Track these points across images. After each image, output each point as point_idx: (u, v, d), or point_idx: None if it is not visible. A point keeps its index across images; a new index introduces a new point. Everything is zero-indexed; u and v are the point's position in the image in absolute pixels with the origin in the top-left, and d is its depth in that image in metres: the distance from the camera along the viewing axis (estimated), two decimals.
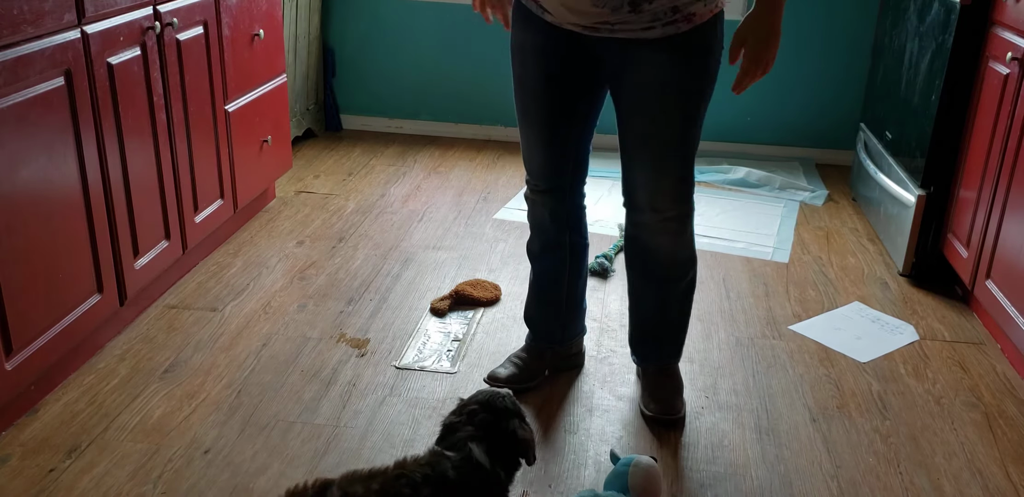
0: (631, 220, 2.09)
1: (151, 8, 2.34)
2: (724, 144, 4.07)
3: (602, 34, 1.87)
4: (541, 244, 2.22)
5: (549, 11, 1.90)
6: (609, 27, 1.85)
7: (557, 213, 2.16)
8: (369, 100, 4.22)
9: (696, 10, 1.83)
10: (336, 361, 2.34)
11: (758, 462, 2.01)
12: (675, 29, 1.83)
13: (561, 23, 1.90)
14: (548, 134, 2.06)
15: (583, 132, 2.07)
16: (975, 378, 2.37)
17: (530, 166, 2.13)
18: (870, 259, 3.07)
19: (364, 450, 2.00)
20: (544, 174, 2.12)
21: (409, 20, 4.07)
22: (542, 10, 1.92)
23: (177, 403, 2.14)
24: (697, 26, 1.84)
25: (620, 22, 1.83)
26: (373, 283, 2.76)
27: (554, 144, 2.07)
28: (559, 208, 2.16)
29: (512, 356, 2.29)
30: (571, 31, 1.91)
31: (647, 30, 1.83)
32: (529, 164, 2.13)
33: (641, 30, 1.84)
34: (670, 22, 1.82)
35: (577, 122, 2.05)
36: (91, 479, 1.87)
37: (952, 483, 1.97)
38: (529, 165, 2.13)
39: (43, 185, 1.98)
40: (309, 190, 3.50)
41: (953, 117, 2.73)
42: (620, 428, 2.12)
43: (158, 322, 2.49)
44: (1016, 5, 2.44)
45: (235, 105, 2.85)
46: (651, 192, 2.01)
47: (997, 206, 2.46)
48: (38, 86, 1.94)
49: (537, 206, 2.17)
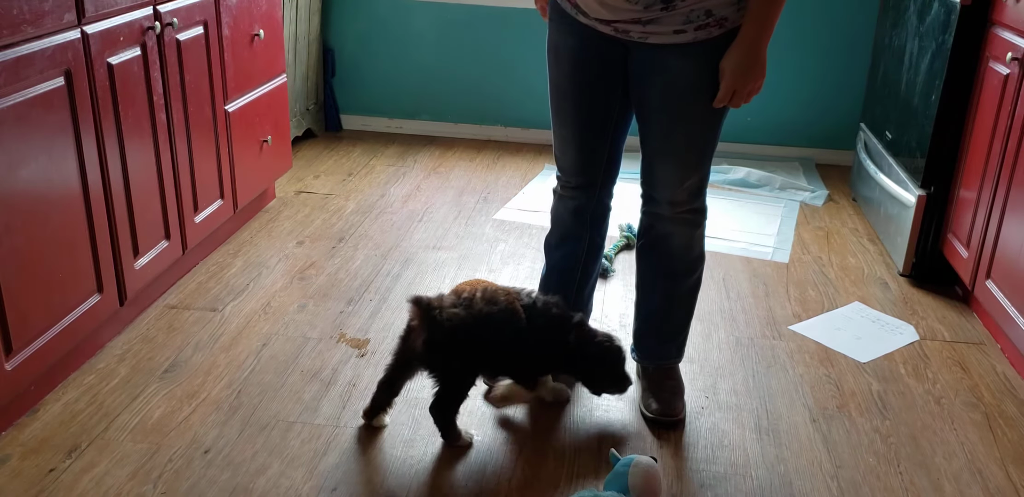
0: (648, 211, 2.12)
1: (151, 8, 2.34)
2: (724, 144, 4.06)
3: (633, 38, 1.88)
4: (559, 237, 2.24)
5: (583, 11, 1.91)
6: (640, 29, 1.86)
7: (583, 210, 2.18)
8: (369, 100, 4.22)
9: (728, 15, 1.84)
10: (336, 361, 2.34)
11: (758, 462, 2.01)
12: (707, 34, 1.84)
13: (593, 24, 1.91)
14: (581, 134, 2.08)
15: (617, 132, 2.09)
16: (975, 378, 2.37)
17: (562, 163, 2.15)
18: (870, 259, 3.07)
19: (364, 450, 2.00)
20: (576, 171, 2.14)
21: (409, 20, 4.07)
22: (576, 11, 1.93)
23: (177, 403, 2.14)
24: (727, 31, 1.85)
25: (651, 21, 1.83)
26: (373, 283, 2.76)
27: (587, 143, 2.09)
28: (586, 205, 2.18)
29: None
30: (603, 33, 1.92)
31: (679, 34, 1.84)
32: (561, 161, 2.15)
33: (673, 33, 1.84)
34: (702, 26, 1.83)
35: (611, 123, 2.06)
36: (91, 479, 1.87)
37: (952, 483, 1.97)
38: (561, 162, 2.15)
39: (43, 185, 1.98)
40: (309, 190, 3.50)
41: (953, 117, 2.73)
42: (620, 428, 2.12)
43: (158, 322, 2.49)
44: (1016, 5, 2.44)
45: (235, 105, 2.85)
46: (672, 188, 2.04)
47: (997, 206, 2.46)
48: (38, 86, 1.94)
49: (565, 201, 2.19)
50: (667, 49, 1.88)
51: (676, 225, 2.10)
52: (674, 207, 2.07)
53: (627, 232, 3.06)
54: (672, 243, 2.12)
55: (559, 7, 1.99)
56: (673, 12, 1.81)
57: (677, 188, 2.04)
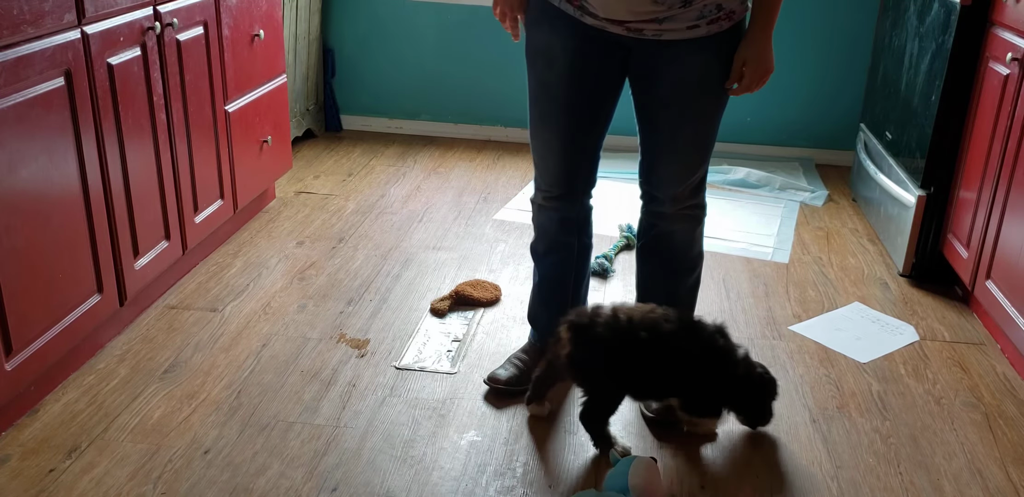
0: (650, 210, 2.12)
1: (151, 8, 2.34)
2: (724, 144, 4.07)
3: (646, 36, 1.88)
4: (546, 246, 2.22)
5: (590, 12, 1.88)
6: (656, 27, 1.86)
7: (568, 218, 2.16)
8: (369, 100, 4.22)
9: (735, 7, 1.88)
10: (336, 361, 2.34)
11: (758, 462, 2.01)
12: (718, 27, 1.88)
13: (603, 24, 1.89)
14: (570, 139, 2.04)
15: (601, 135, 2.08)
16: (975, 378, 2.37)
17: (545, 172, 2.10)
18: (870, 259, 3.07)
19: (364, 450, 2.00)
20: (560, 180, 2.09)
21: (409, 20, 4.07)
22: (582, 12, 1.90)
23: (177, 403, 2.14)
24: (735, 24, 1.90)
25: (667, 18, 1.85)
26: (373, 283, 2.77)
27: (575, 149, 2.06)
28: (570, 213, 2.15)
29: (512, 357, 2.29)
30: (610, 33, 1.90)
31: (692, 29, 1.87)
32: (544, 170, 2.10)
33: (686, 29, 1.86)
34: (714, 20, 1.87)
35: (599, 125, 2.05)
36: (91, 479, 1.87)
37: (952, 483, 1.97)
38: (544, 171, 2.10)
39: (43, 185, 1.98)
40: (309, 190, 3.50)
41: (953, 118, 2.73)
42: (620, 428, 2.11)
43: (158, 322, 2.49)
44: (1016, 5, 2.44)
45: (235, 105, 2.85)
46: (676, 186, 2.05)
47: (997, 206, 2.46)
48: (38, 86, 1.94)
49: (547, 211, 2.16)
50: (679, 45, 1.89)
51: (679, 223, 2.10)
52: (677, 204, 2.07)
53: (627, 232, 3.05)
54: (675, 241, 2.12)
55: (553, 9, 1.94)
56: (689, 8, 1.84)
57: (681, 185, 2.04)
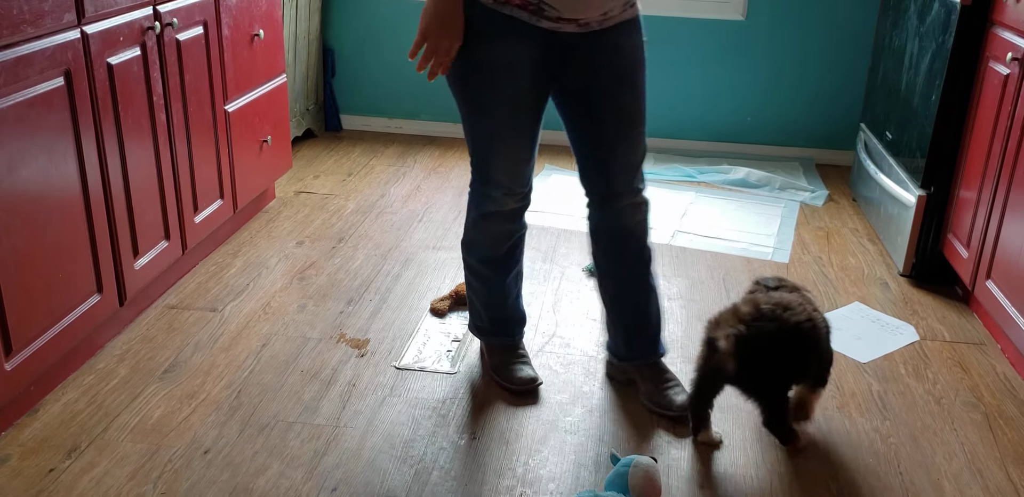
0: (610, 209, 2.11)
1: (151, 8, 2.34)
2: (724, 144, 4.08)
3: (592, 28, 1.93)
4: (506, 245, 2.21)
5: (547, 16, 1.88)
6: (601, 17, 1.91)
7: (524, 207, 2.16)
8: (369, 100, 4.22)
9: None
10: (336, 361, 2.34)
11: (758, 462, 2.01)
12: (635, 11, 1.98)
13: (558, 25, 1.90)
14: (532, 142, 2.06)
15: None
16: (975, 378, 2.37)
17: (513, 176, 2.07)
18: (870, 259, 3.07)
19: (364, 450, 2.00)
20: (528, 179, 2.11)
21: (409, 20, 4.05)
22: (538, 17, 1.89)
23: (177, 403, 2.14)
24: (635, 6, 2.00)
25: (611, 9, 1.92)
26: (373, 283, 2.77)
27: (533, 150, 2.08)
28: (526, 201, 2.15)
29: (515, 357, 2.30)
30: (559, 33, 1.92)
31: (626, 10, 1.95)
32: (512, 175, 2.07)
33: (619, 14, 1.94)
34: (631, 4, 1.96)
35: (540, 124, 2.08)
36: (91, 479, 1.87)
37: (952, 483, 1.97)
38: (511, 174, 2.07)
39: (43, 185, 1.98)
40: (309, 190, 3.50)
41: (953, 117, 2.73)
42: (620, 428, 2.12)
43: (158, 322, 2.49)
44: (1016, 5, 2.44)
45: (235, 105, 2.85)
46: (632, 173, 2.07)
47: (997, 206, 2.46)
48: (38, 86, 1.94)
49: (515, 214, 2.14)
50: (616, 30, 1.95)
51: (638, 211, 2.11)
52: (634, 194, 2.09)
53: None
54: (642, 230, 2.14)
55: (502, 17, 1.90)
56: None
57: (635, 173, 2.08)
